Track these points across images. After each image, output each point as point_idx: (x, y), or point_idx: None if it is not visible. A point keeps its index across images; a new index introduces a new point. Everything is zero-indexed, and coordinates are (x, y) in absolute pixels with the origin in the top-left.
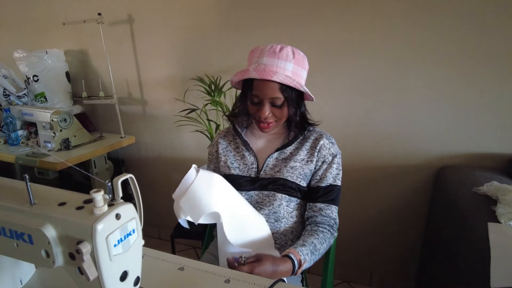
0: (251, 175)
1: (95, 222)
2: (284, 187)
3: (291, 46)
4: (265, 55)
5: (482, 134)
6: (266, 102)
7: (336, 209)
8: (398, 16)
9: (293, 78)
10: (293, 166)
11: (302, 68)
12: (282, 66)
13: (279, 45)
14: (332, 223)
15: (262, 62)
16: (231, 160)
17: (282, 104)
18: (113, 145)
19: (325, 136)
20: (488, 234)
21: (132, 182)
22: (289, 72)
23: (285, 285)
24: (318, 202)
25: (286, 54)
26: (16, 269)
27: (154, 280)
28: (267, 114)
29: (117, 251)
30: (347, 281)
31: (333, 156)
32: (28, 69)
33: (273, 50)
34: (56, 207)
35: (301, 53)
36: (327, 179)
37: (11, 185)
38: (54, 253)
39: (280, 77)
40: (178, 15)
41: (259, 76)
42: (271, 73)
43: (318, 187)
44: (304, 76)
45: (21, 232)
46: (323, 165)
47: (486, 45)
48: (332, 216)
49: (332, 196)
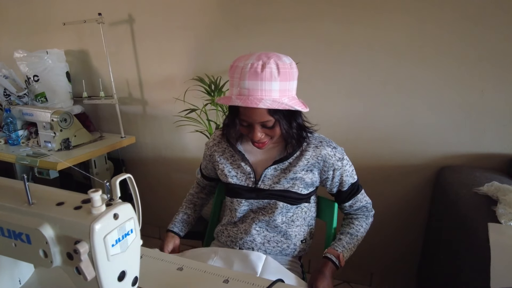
0: (249, 185)
1: (92, 222)
2: (286, 197)
3: (275, 56)
4: (247, 78)
5: (482, 134)
6: (257, 126)
7: (362, 195)
8: (399, 17)
9: (280, 99)
10: (293, 177)
11: (290, 81)
12: (267, 88)
13: (261, 60)
14: (364, 209)
15: (244, 86)
16: (228, 168)
17: (273, 125)
18: (113, 145)
19: (326, 143)
20: (488, 234)
21: (130, 182)
22: (276, 92)
23: (284, 285)
24: (346, 202)
25: (270, 73)
26: (15, 269)
27: (153, 280)
28: (260, 136)
29: (115, 251)
30: (348, 281)
31: (341, 160)
32: (29, 69)
33: (254, 70)
34: (54, 207)
35: (287, 61)
36: (347, 181)
37: (9, 185)
38: (52, 253)
39: (267, 103)
40: (178, 15)
41: (243, 104)
42: (256, 100)
43: (340, 191)
44: (294, 87)
45: (19, 232)
46: (335, 172)
47: (486, 45)
48: (361, 204)
49: (355, 190)
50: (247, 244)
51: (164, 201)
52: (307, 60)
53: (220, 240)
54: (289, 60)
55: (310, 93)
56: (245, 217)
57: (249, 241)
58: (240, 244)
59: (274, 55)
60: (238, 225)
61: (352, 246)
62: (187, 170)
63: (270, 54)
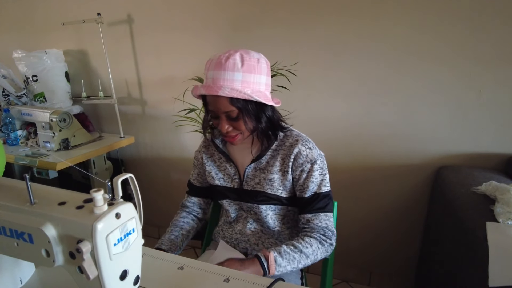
0: (234, 186)
1: (95, 221)
2: (266, 200)
3: (243, 50)
4: (213, 68)
5: (480, 134)
6: (223, 116)
7: (326, 217)
8: (398, 18)
9: (242, 89)
10: (271, 178)
11: (256, 74)
12: (229, 77)
13: (227, 52)
14: (322, 232)
15: (210, 75)
16: (215, 170)
17: (237, 117)
18: (112, 145)
19: (301, 142)
20: (486, 233)
21: (131, 181)
22: (237, 82)
23: (284, 284)
24: (305, 213)
25: (233, 64)
26: (16, 269)
27: (154, 279)
28: (226, 128)
29: (117, 250)
30: (346, 280)
31: (311, 163)
32: (28, 69)
33: (219, 61)
34: (56, 207)
35: (255, 57)
36: (310, 188)
37: (11, 185)
38: (54, 252)
39: (226, 91)
40: (177, 15)
41: (206, 92)
42: (216, 88)
43: (302, 198)
44: (262, 81)
45: (22, 232)
46: (302, 174)
47: (484, 46)
48: (321, 225)
49: (319, 205)
50: (241, 244)
51: (163, 201)
52: (307, 60)
53: (217, 240)
54: (258, 56)
55: (309, 93)
56: (239, 217)
57: (243, 241)
58: (235, 245)
59: (243, 50)
60: (233, 226)
61: (291, 257)
62: (186, 170)
63: (240, 49)
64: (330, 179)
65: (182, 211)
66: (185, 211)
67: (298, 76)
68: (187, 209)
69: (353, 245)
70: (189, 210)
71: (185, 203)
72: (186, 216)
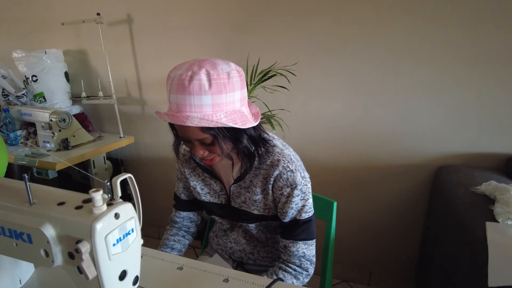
0: (222, 202)
1: (94, 222)
2: (253, 219)
3: (209, 64)
4: (175, 91)
5: (480, 134)
6: (196, 143)
7: (305, 245)
8: (396, 18)
9: (214, 115)
10: (255, 199)
11: (229, 93)
12: (196, 103)
13: (190, 71)
14: (298, 263)
15: (173, 100)
16: (200, 186)
17: (213, 142)
18: (112, 145)
19: (283, 162)
20: (486, 233)
21: (131, 181)
22: (207, 107)
23: (283, 284)
24: (284, 238)
25: (198, 86)
26: (16, 269)
27: (154, 279)
28: (202, 153)
29: (116, 251)
30: (346, 280)
31: (292, 187)
32: (27, 69)
33: (182, 82)
34: (55, 207)
35: (225, 71)
36: (289, 214)
37: (10, 185)
38: (53, 253)
39: (194, 121)
40: (177, 15)
41: (171, 121)
42: (183, 118)
43: (282, 223)
44: (237, 98)
45: (21, 232)
46: (281, 197)
47: (483, 46)
48: (298, 254)
49: (297, 233)
50: (236, 253)
51: (162, 201)
52: (306, 60)
53: (212, 246)
54: (228, 68)
55: (309, 93)
56: (233, 226)
57: (238, 251)
58: (230, 253)
59: (208, 63)
60: (228, 234)
61: None
62: None
63: (204, 62)
64: (329, 179)
65: (172, 227)
66: (175, 227)
67: (297, 76)
68: (177, 225)
69: (352, 245)
70: (179, 226)
71: (174, 219)
72: (176, 234)
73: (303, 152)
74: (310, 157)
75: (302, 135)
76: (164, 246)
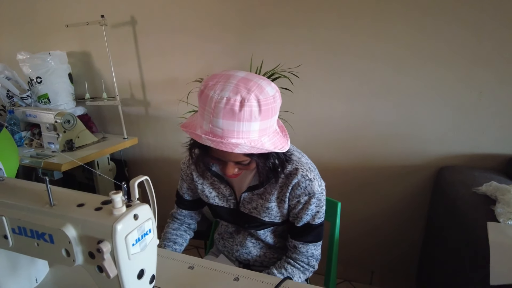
0: (230, 206)
1: (115, 222)
2: (263, 225)
3: (256, 88)
4: (221, 115)
5: (481, 135)
6: (232, 163)
7: (314, 247)
8: (399, 19)
9: (260, 140)
10: (268, 206)
11: (272, 117)
12: (245, 129)
13: (239, 95)
14: (306, 261)
15: (218, 125)
16: (208, 189)
17: (249, 163)
18: (116, 146)
19: (301, 171)
20: (487, 233)
21: (147, 183)
22: (255, 133)
23: (292, 283)
24: (294, 239)
25: (249, 113)
26: (32, 268)
27: (166, 278)
28: (233, 171)
29: (135, 250)
30: (348, 279)
31: (309, 196)
32: (32, 70)
33: (231, 108)
34: (76, 208)
35: (270, 93)
36: (304, 219)
37: (27, 187)
38: (75, 252)
39: (244, 149)
40: (181, 16)
41: (216, 147)
42: (232, 145)
43: (293, 225)
44: (275, 119)
45: (42, 232)
46: (298, 204)
47: (485, 47)
48: (307, 254)
49: (308, 237)
50: (243, 256)
51: (166, 203)
52: (309, 62)
53: (218, 247)
54: (272, 91)
55: (311, 94)
56: (239, 229)
57: (245, 253)
58: (236, 256)
59: (256, 87)
60: (234, 236)
61: None
62: None
63: (251, 85)
64: (332, 180)
65: (174, 221)
66: (177, 222)
67: (300, 78)
68: (178, 220)
69: (354, 244)
70: (181, 222)
71: (175, 215)
72: (178, 228)
73: (307, 153)
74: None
75: (306, 136)
76: (166, 240)
